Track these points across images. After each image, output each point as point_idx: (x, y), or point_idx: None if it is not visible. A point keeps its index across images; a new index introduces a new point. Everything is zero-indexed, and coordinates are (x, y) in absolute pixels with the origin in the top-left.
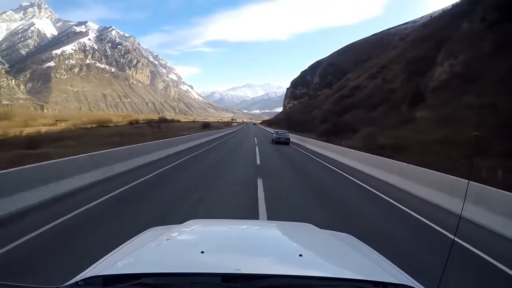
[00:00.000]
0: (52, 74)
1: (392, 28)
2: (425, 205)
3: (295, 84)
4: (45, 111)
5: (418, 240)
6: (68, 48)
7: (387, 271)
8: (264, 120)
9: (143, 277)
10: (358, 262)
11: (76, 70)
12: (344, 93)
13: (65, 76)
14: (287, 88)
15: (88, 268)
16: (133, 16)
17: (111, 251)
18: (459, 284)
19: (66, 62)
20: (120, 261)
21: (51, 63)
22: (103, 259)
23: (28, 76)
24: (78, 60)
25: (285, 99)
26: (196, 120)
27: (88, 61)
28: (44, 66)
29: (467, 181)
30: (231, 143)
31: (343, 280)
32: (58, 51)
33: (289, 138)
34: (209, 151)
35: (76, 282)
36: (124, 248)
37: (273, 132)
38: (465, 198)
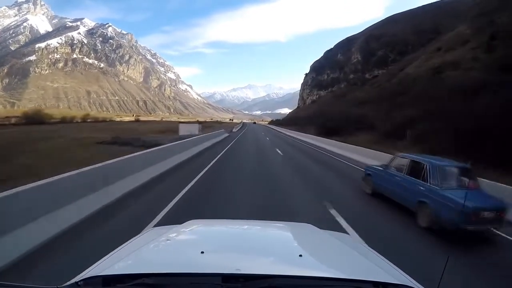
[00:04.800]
0: (31, 69)
1: None
2: None
3: (318, 68)
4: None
5: None
6: (54, 42)
7: (387, 271)
8: (273, 121)
9: (143, 277)
10: (358, 263)
11: (61, 65)
12: None
13: (47, 71)
14: (306, 74)
15: (88, 268)
16: (133, 17)
17: (111, 251)
18: None
19: (50, 56)
20: (120, 261)
21: (32, 57)
22: (103, 259)
23: (5, 71)
24: (64, 54)
25: (303, 90)
26: (177, 120)
27: (74, 56)
28: (24, 60)
29: None
30: None
31: (343, 281)
32: (42, 45)
33: None
34: None
35: (76, 282)
36: (124, 248)
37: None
38: None
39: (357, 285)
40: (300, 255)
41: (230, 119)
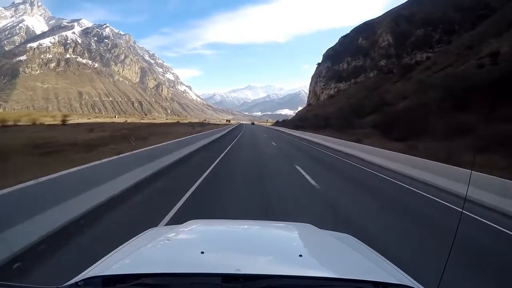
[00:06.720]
0: (20, 69)
1: None
2: None
3: (334, 56)
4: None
5: None
6: (46, 41)
7: (387, 271)
8: (278, 121)
9: (143, 277)
10: (358, 262)
11: (53, 65)
12: None
13: (38, 72)
14: (318, 64)
15: (88, 268)
16: (132, 19)
17: (111, 251)
18: None
19: (42, 56)
20: (120, 261)
21: (23, 57)
22: (103, 259)
23: None
24: (56, 54)
25: (315, 84)
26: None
27: (68, 55)
28: (14, 60)
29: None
30: None
31: (343, 281)
32: (34, 44)
33: None
34: None
35: (76, 283)
36: (124, 248)
37: None
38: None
39: (357, 285)
40: (300, 255)
41: (227, 120)
